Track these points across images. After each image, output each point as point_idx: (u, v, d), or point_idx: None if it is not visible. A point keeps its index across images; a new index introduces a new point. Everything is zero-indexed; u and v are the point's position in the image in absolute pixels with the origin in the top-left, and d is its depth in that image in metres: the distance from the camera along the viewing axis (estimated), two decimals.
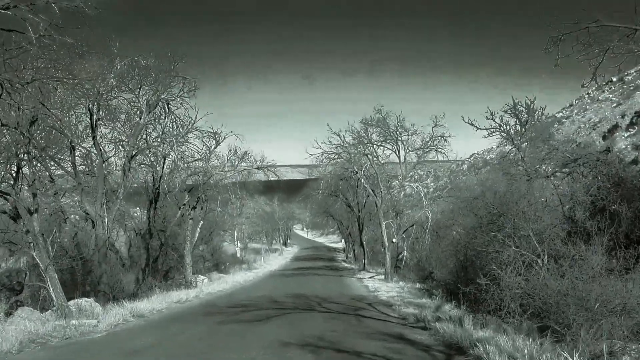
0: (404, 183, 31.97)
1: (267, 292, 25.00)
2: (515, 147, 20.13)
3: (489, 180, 23.81)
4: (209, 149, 33.30)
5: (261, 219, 68.46)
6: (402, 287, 25.89)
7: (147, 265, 30.40)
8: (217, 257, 43.05)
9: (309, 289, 25.97)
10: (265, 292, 24.72)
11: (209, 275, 37.99)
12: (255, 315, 15.33)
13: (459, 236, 26.78)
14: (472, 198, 20.15)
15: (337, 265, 51.62)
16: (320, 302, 18.93)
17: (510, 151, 21.41)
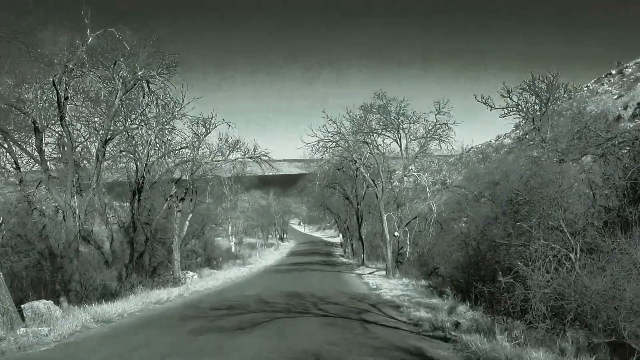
0: (406, 173, 29.43)
1: (258, 290, 22.48)
2: (535, 128, 17.62)
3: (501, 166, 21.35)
4: (199, 137, 30.77)
5: (257, 213, 65.87)
6: (406, 284, 23.40)
7: (131, 261, 27.79)
8: (209, 252, 40.48)
9: (304, 286, 23.47)
10: (257, 290, 22.19)
11: (199, 271, 35.46)
12: (239, 320, 12.78)
13: (469, 228, 24.39)
14: (492, 183, 17.57)
15: (334, 260, 49.13)
16: (317, 303, 16.40)
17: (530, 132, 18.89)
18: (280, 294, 19.53)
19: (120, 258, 28.42)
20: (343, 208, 51.80)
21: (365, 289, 22.53)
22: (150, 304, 17.33)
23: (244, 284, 27.54)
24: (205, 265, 38.65)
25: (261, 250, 60.71)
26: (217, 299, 19.19)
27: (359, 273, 32.16)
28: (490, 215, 19.91)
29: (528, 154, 17.52)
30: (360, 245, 40.41)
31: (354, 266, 39.00)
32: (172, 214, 30.73)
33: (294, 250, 65.86)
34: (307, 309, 14.91)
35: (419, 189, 32.93)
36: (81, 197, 20.07)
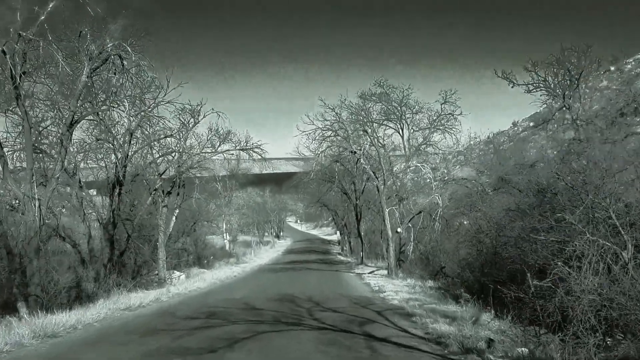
0: (409, 164, 26.68)
1: (248, 292, 19.73)
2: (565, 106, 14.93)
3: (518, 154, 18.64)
4: (186, 127, 27.99)
5: (252, 210, 63.02)
6: (412, 285, 20.68)
7: (111, 260, 24.93)
8: (200, 250, 37.64)
9: (300, 287, 20.74)
10: (246, 293, 19.44)
11: (188, 270, 32.65)
12: (214, 336, 10.02)
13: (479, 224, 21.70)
14: (527, 166, 14.83)
15: (332, 258, 46.36)
16: (313, 310, 13.66)
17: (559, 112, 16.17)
18: (272, 298, 16.78)
19: (99, 257, 25.60)
20: (341, 204, 49.06)
21: (367, 291, 19.79)
22: (117, 311, 14.56)
23: (234, 285, 24.76)
24: (195, 264, 35.83)
25: (256, 249, 57.91)
26: (197, 304, 16.41)
27: (358, 272, 29.42)
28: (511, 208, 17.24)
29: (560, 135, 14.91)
30: (359, 243, 37.66)
31: (352, 265, 36.27)
32: (157, 210, 27.93)
33: (290, 248, 63.04)
34: (301, 319, 12.15)
35: (421, 184, 30.22)
36: (44, 188, 17.25)
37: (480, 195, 21.86)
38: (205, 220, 40.30)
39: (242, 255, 50.17)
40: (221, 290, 22.20)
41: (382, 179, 25.88)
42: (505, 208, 16.63)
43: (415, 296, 16.70)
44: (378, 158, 25.77)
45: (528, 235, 14.16)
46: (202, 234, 40.11)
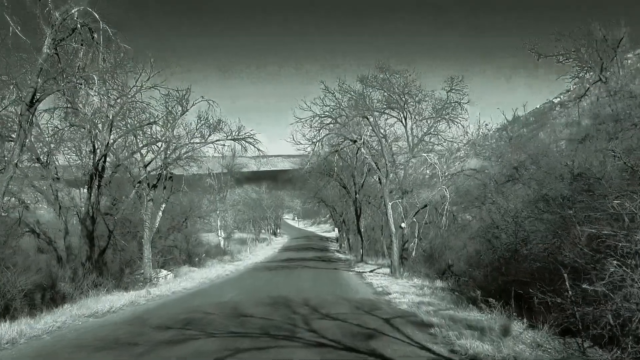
0: (414, 154, 24.36)
1: (237, 294, 17.44)
2: (602, 79, 12.68)
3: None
4: (174, 115, 25.68)
5: (247, 207, 60.66)
6: (419, 286, 18.40)
7: (90, 258, 22.62)
8: (191, 247, 35.30)
9: (295, 288, 18.49)
10: (235, 295, 17.15)
11: (177, 269, 30.35)
12: (181, 355, 7.71)
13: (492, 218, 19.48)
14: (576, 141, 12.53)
15: (330, 255, 44.07)
16: (309, 318, 11.36)
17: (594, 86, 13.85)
18: (263, 302, 14.50)
19: (77, 255, 23.28)
20: (339, 200, 46.83)
21: (369, 292, 17.50)
22: (79, 318, 12.25)
23: (224, 285, 22.46)
24: (186, 262, 33.51)
25: (252, 246, 55.63)
26: (177, 308, 14.10)
27: (358, 271, 27.14)
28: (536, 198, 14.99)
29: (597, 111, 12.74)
30: (359, 240, 35.39)
31: (351, 262, 33.99)
32: (142, 204, 25.60)
33: (287, 246, 60.73)
34: (295, 330, 9.85)
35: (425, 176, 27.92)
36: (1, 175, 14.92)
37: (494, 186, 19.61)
38: (198, 216, 37.95)
39: (237, 252, 47.90)
40: (209, 291, 19.91)
41: (384, 171, 23.58)
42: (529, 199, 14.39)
43: (426, 299, 14.41)
44: (380, 147, 23.47)
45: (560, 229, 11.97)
46: (194, 230, 37.78)
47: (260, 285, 21.33)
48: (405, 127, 25.89)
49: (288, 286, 19.68)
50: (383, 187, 23.58)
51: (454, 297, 14.93)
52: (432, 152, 23.85)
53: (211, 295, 17.88)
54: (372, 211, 39.19)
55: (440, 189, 23.37)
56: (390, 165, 23.62)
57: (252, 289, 19.55)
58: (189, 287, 21.53)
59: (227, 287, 21.19)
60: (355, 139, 23.49)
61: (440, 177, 23.40)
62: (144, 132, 24.32)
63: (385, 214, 23.81)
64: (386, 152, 23.50)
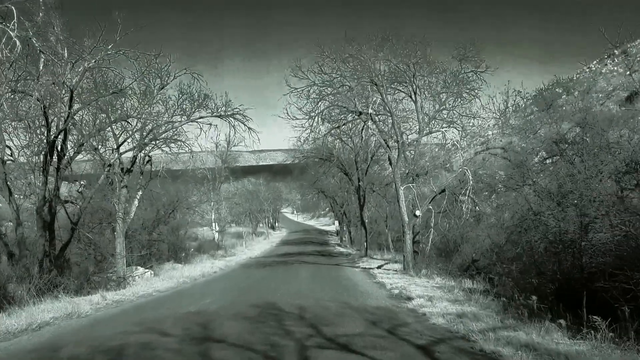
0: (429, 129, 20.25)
1: (215, 301, 13.33)
2: None
3: None
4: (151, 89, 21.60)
5: (244, 199, 56.49)
6: (445, 286, 14.34)
7: (48, 254, 18.51)
8: (178, 241, 31.15)
9: (290, 290, 14.45)
10: (211, 301, 13.05)
11: (159, 266, 26.26)
12: None
13: (533, 200, 15.52)
14: None
15: (330, 250, 39.97)
16: (304, 344, 7.28)
17: None
18: (244, 313, 10.46)
19: (32, 250, 19.17)
20: (339, 190, 42.75)
21: (384, 296, 13.39)
22: None
23: (206, 286, 18.36)
24: (171, 257, 29.39)
25: (248, 240, 51.54)
26: (124, 325, 9.97)
27: (364, 267, 23.07)
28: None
29: None
30: (363, 232, 31.27)
31: (355, 257, 29.90)
32: (114, 191, 21.47)
33: (285, 240, 56.56)
34: None
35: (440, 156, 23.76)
36: None
37: (536, 164, 15.55)
38: (186, 207, 33.80)
39: (231, 247, 43.79)
40: (184, 294, 15.81)
41: (395, 148, 19.51)
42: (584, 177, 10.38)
43: (466, 308, 10.32)
44: (391, 120, 19.36)
45: None
46: (183, 223, 33.61)
47: (248, 286, 17.25)
48: (415, 103, 21.68)
49: (282, 287, 15.62)
50: (394, 168, 19.46)
51: (498, 304, 10.84)
52: (450, 128, 19.72)
53: (184, 300, 13.79)
54: (376, 202, 35.13)
55: (461, 170, 19.26)
56: (403, 143, 19.51)
57: (237, 292, 15.47)
58: (163, 288, 17.43)
59: (208, 289, 17.09)
60: (360, 111, 19.36)
61: (461, 155, 19.29)
62: (113, 105, 20.19)
63: (397, 200, 19.68)
64: (397, 126, 19.39)
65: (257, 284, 17.58)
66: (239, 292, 15.51)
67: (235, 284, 18.38)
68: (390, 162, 19.70)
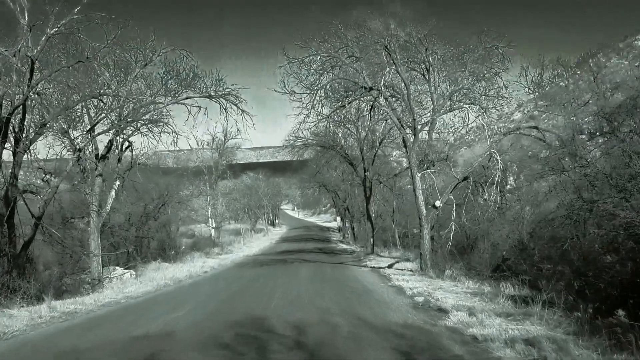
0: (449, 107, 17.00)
1: (190, 312, 10.11)
2: None
3: None
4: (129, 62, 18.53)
5: (242, 194, 53.21)
6: (479, 292, 11.12)
7: (5, 253, 15.35)
8: (169, 238, 27.89)
9: (286, 298, 11.26)
10: (186, 314, 9.82)
11: (144, 265, 23.02)
12: None
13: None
14: None
15: (333, 247, 36.75)
16: None
17: None
18: (218, 337, 7.24)
19: None
20: (342, 184, 39.52)
21: (407, 306, 10.12)
22: None
23: (188, 291, 15.10)
24: (160, 255, 26.16)
25: (247, 237, 48.35)
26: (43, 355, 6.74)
27: (373, 266, 19.87)
28: None
29: None
30: (369, 227, 28.01)
31: (360, 255, 26.68)
32: (87, 180, 18.28)
33: (285, 236, 53.29)
34: None
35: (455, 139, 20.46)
36: None
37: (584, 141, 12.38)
38: (177, 201, 30.57)
39: (228, 244, 40.60)
40: (156, 303, 12.57)
41: (410, 129, 16.29)
42: None
43: (531, 329, 7.10)
44: (407, 95, 16.09)
45: None
46: (173, 218, 30.35)
47: (238, 290, 14.05)
48: (428, 82, 18.34)
49: (277, 292, 12.43)
50: (409, 151, 16.22)
51: (572, 321, 7.61)
52: (471, 106, 16.42)
53: (152, 312, 10.58)
54: (382, 195, 31.90)
55: (488, 153, 16.02)
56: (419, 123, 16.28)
57: (222, 299, 12.25)
58: (137, 293, 14.21)
59: (190, 294, 13.89)
60: (371, 86, 16.11)
61: (488, 135, 16.04)
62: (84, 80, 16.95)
63: (413, 190, 16.43)
64: (413, 103, 16.16)
65: (249, 288, 14.37)
66: (225, 299, 12.30)
67: (224, 287, 15.15)
68: (405, 145, 16.44)
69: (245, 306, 10.44)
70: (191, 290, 14.99)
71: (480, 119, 16.13)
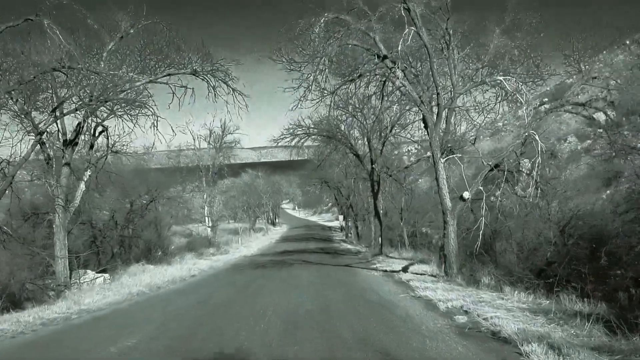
0: (479, 81, 14.01)
1: (145, 341, 7.09)
2: None
3: None
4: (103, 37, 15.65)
5: (240, 192, 50.19)
6: (542, 309, 8.10)
7: None
8: (153, 237, 24.87)
9: (281, 316, 8.31)
10: (139, 344, 6.80)
11: (124, 268, 19.98)
12: None
13: None
14: None
15: (336, 247, 33.74)
16: None
17: None
18: None
19: None
20: (345, 180, 36.52)
21: (449, 332, 7.09)
22: None
23: (160, 303, 12.07)
24: (145, 257, 23.15)
25: (245, 236, 45.35)
26: None
27: (385, 270, 16.88)
28: None
29: None
30: (377, 225, 24.99)
31: (367, 256, 23.67)
32: (50, 169, 15.34)
33: (285, 236, 50.23)
34: None
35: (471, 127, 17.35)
36: None
37: None
38: (167, 197, 27.58)
39: (225, 244, 37.58)
40: (107, 323, 9.59)
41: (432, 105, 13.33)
42: None
43: None
44: (429, 62, 13.13)
45: None
46: (164, 216, 27.32)
47: (222, 303, 11.08)
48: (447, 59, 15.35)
49: (271, 308, 9.47)
50: (431, 132, 13.24)
51: None
52: (512, 76, 13.40)
53: (86, 343, 7.62)
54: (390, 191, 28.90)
55: (525, 134, 13.04)
56: (446, 94, 13.33)
57: (193, 320, 9.25)
58: (97, 306, 11.25)
59: (159, 309, 10.91)
60: (384, 54, 13.14)
61: (526, 112, 13.08)
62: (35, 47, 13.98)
63: (435, 179, 13.47)
64: (437, 74, 13.19)
65: (235, 300, 11.41)
66: (201, 317, 9.33)
67: (206, 298, 12.14)
68: (426, 125, 13.44)
69: (224, 332, 7.49)
70: (165, 302, 12.01)
71: (511, 95, 13.14)
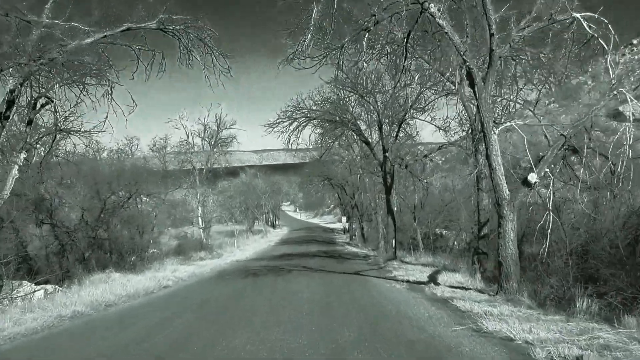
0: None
1: None
2: None
3: None
4: None
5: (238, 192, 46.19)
6: None
7: None
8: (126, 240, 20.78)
9: None
10: None
11: (88, 276, 15.93)
12: None
13: None
14: None
15: (340, 250, 29.66)
16: None
17: None
18: None
19: None
20: (349, 177, 32.54)
21: None
22: None
23: (87, 339, 8.00)
24: (116, 263, 19.09)
25: (243, 239, 41.36)
26: None
27: (408, 280, 12.82)
28: None
29: None
30: (391, 225, 20.88)
31: (378, 261, 19.62)
32: None
33: (285, 238, 46.15)
34: None
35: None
36: None
37: None
38: (147, 193, 23.55)
39: (219, 247, 33.58)
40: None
41: (474, 61, 9.35)
42: None
43: None
44: None
45: None
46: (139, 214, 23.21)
47: (175, 341, 7.02)
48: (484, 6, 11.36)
49: (248, 349, 5.40)
50: (479, 91, 9.25)
51: None
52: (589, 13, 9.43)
53: None
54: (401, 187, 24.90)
55: (612, 93, 9.05)
56: (501, 40, 9.33)
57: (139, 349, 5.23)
58: (9, 333, 7.22)
59: (82, 347, 6.83)
60: None
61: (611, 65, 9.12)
62: None
63: (486, 156, 9.44)
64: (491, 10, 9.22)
65: (199, 333, 7.38)
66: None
67: (144, 335, 8.05)
68: (472, 82, 9.43)
69: None
70: (91, 338, 7.96)
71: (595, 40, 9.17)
